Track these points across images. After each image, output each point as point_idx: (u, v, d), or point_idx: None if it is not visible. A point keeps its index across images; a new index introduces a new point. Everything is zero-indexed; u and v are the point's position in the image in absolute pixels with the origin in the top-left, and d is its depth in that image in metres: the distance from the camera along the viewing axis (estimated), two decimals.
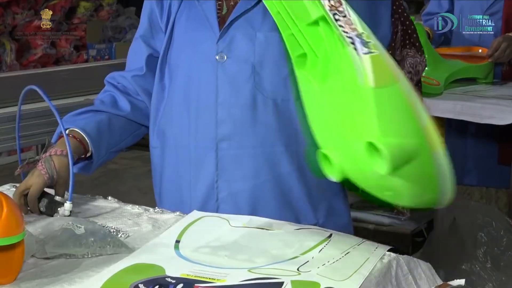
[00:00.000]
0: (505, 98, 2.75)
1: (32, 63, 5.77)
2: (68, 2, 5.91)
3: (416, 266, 1.21)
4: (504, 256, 2.50)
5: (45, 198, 1.45)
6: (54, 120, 2.32)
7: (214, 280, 1.08)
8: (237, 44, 1.47)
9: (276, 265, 1.14)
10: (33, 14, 5.69)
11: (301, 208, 1.49)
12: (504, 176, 2.85)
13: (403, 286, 1.17)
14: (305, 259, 1.17)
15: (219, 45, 1.48)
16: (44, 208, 1.43)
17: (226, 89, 1.47)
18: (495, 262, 2.50)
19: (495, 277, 2.46)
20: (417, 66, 2.34)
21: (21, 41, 5.71)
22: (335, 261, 1.16)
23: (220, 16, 1.51)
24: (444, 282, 1.21)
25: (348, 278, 1.10)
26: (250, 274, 1.10)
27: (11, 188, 1.61)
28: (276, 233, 1.30)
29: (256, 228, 1.31)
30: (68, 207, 1.40)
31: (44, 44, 5.79)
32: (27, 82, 1.52)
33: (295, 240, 1.26)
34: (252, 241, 1.26)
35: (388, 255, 1.20)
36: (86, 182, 5.04)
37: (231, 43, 1.48)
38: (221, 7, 1.52)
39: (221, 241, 1.25)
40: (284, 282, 1.07)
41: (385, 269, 1.16)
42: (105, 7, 6.33)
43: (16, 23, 5.65)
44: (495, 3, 2.99)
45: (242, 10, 1.48)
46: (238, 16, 1.48)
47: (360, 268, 1.13)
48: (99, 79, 3.42)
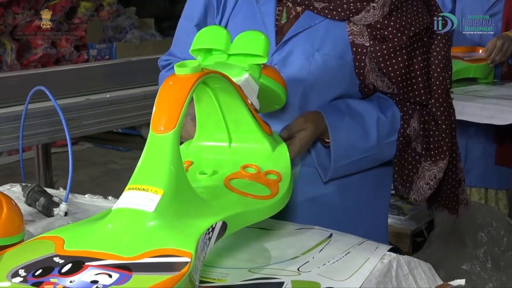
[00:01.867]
0: (505, 98, 2.74)
1: (33, 63, 5.77)
2: (68, 2, 5.92)
3: (416, 266, 1.21)
4: (504, 256, 2.50)
5: (43, 197, 1.45)
6: (54, 120, 2.33)
7: (214, 280, 1.08)
8: (293, 61, 1.43)
9: (276, 265, 1.14)
10: (34, 14, 5.70)
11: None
12: (503, 177, 2.85)
13: (404, 286, 1.17)
14: (306, 259, 1.17)
15: (274, 57, 1.44)
16: (41, 207, 1.44)
17: None
18: (495, 262, 2.50)
19: (496, 277, 2.46)
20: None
21: (21, 41, 5.72)
22: (336, 261, 1.16)
23: (278, 25, 1.46)
24: (445, 282, 1.21)
25: (348, 278, 1.10)
26: (250, 274, 1.10)
27: (11, 188, 1.61)
28: (276, 233, 1.30)
29: (256, 228, 1.31)
30: (63, 208, 1.40)
31: (45, 44, 5.79)
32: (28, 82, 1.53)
33: (295, 240, 1.27)
34: (252, 241, 1.26)
35: (388, 255, 1.20)
36: (86, 182, 5.05)
37: (286, 58, 1.43)
38: (280, 14, 1.47)
39: (221, 241, 1.25)
40: (284, 282, 1.07)
41: (386, 269, 1.16)
42: (105, 7, 6.34)
43: (16, 23, 5.65)
44: (496, 3, 2.99)
45: (305, 26, 1.43)
46: (299, 31, 1.43)
47: (361, 268, 1.13)
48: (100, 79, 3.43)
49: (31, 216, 1.43)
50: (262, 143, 1.29)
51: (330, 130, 1.39)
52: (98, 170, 5.49)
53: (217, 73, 1.15)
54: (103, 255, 0.95)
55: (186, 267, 0.90)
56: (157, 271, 0.90)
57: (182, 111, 1.04)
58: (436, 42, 1.47)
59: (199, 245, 0.97)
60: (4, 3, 5.51)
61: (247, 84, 1.26)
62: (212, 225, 1.03)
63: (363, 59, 1.42)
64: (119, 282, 0.88)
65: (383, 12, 1.41)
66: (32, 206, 1.48)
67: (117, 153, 5.81)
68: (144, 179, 1.02)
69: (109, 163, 5.69)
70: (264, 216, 1.19)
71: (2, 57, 5.57)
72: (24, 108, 1.61)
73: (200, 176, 1.22)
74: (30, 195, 1.49)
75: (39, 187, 1.52)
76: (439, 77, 1.46)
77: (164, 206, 0.99)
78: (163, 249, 0.94)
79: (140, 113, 2.64)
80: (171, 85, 1.07)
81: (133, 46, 6.06)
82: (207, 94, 1.24)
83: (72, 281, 0.89)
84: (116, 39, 6.19)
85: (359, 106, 1.43)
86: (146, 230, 0.98)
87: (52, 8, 5.68)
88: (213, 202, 1.11)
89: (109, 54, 5.91)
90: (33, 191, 1.50)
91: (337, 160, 1.41)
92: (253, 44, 1.26)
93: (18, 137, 1.70)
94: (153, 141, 1.04)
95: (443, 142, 1.46)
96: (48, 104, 2.24)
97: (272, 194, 1.19)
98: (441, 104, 1.46)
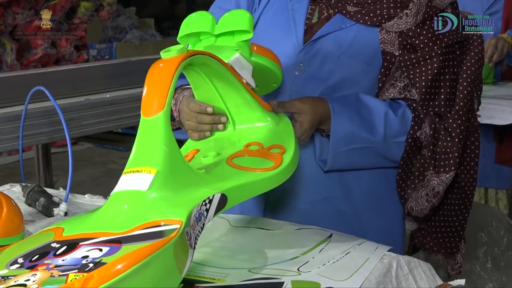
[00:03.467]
0: (505, 98, 2.74)
1: (33, 63, 5.77)
2: (68, 2, 5.91)
3: (416, 266, 1.21)
4: (504, 256, 2.50)
5: (43, 197, 1.45)
6: (54, 120, 2.32)
7: (214, 280, 1.08)
8: (318, 60, 1.43)
9: (276, 265, 1.14)
10: (34, 14, 5.69)
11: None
12: (502, 177, 2.85)
13: (404, 286, 1.17)
14: (306, 259, 1.17)
15: (300, 55, 1.43)
16: (41, 207, 1.44)
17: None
18: (495, 262, 2.49)
19: (496, 277, 2.46)
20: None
21: (21, 41, 5.72)
22: (336, 261, 1.16)
23: (308, 24, 1.46)
24: (444, 282, 1.21)
25: (348, 278, 1.10)
26: (250, 274, 1.10)
27: (11, 188, 1.61)
28: (276, 233, 1.30)
29: (256, 228, 1.31)
30: (63, 208, 1.40)
31: (45, 44, 5.79)
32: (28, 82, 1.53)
33: (295, 240, 1.27)
34: (252, 241, 1.26)
35: (388, 255, 1.20)
36: (86, 182, 5.05)
37: (313, 57, 1.43)
38: (312, 13, 1.47)
39: (221, 241, 1.25)
40: (284, 282, 1.07)
41: (386, 269, 1.16)
42: (105, 7, 6.34)
43: (16, 23, 5.65)
44: (495, 2, 2.99)
45: (335, 28, 1.43)
46: (329, 32, 1.43)
47: (361, 268, 1.13)
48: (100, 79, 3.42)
49: (31, 216, 1.43)
50: (265, 121, 1.30)
51: (333, 115, 1.37)
52: (98, 170, 5.49)
53: (203, 53, 1.16)
54: (97, 234, 0.96)
55: (175, 232, 0.91)
56: (146, 239, 0.91)
57: (169, 92, 1.05)
58: (468, 58, 1.46)
59: (192, 214, 0.98)
60: (4, 3, 5.51)
61: (238, 63, 1.26)
62: (209, 196, 1.04)
63: (390, 67, 1.42)
64: (108, 253, 0.89)
65: (416, 20, 1.40)
66: (32, 206, 1.48)
67: (117, 153, 5.81)
68: (138, 161, 1.04)
69: (109, 163, 5.68)
70: (267, 187, 1.19)
71: (2, 57, 5.57)
72: (24, 108, 1.61)
73: (203, 159, 1.22)
74: (30, 195, 1.49)
75: (39, 187, 1.52)
76: (464, 91, 1.44)
77: (158, 183, 1.00)
78: (155, 221, 0.95)
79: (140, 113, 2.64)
80: (157, 68, 1.09)
81: (133, 46, 6.05)
82: (202, 80, 1.24)
83: (64, 259, 0.91)
84: (116, 39, 6.19)
85: (369, 100, 1.42)
86: (140, 206, 0.99)
87: (52, 8, 5.67)
88: (212, 176, 1.12)
89: (109, 54, 5.90)
90: (33, 191, 1.50)
91: (336, 146, 1.39)
92: (237, 20, 1.26)
93: (18, 137, 1.70)
94: (144, 124, 1.05)
95: (451, 155, 1.43)
96: (48, 104, 2.23)
97: (275, 165, 1.19)
98: (460, 118, 1.43)
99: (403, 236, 1.58)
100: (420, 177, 1.46)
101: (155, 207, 0.98)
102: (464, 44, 1.47)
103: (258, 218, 1.39)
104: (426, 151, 1.44)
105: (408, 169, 1.45)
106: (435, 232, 1.57)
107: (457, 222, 1.54)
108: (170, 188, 1.01)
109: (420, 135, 1.43)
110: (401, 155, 1.43)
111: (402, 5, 1.41)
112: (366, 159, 1.44)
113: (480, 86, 1.50)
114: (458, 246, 1.57)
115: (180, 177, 1.04)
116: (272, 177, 1.18)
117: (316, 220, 1.41)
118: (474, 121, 1.49)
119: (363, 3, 1.42)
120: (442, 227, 1.56)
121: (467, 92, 1.44)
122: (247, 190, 1.14)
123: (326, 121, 1.38)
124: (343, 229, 1.36)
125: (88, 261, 0.88)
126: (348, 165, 1.44)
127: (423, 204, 1.46)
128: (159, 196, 0.99)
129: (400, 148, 1.43)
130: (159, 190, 1.00)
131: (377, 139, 1.40)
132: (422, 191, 1.46)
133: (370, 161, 1.45)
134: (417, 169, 1.46)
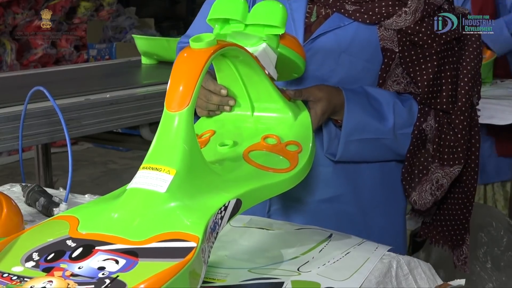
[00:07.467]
0: (505, 98, 2.74)
1: (33, 63, 5.77)
2: (68, 2, 5.92)
3: (416, 266, 1.21)
4: (504, 256, 2.50)
5: (43, 197, 1.45)
6: (54, 120, 2.32)
7: (214, 280, 1.08)
8: (319, 59, 1.43)
9: (276, 265, 1.14)
10: (34, 14, 5.70)
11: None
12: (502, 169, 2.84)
13: (403, 286, 1.17)
14: (306, 259, 1.17)
15: None
16: (41, 207, 1.44)
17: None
18: (495, 262, 2.49)
19: (495, 277, 2.46)
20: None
21: (21, 41, 5.72)
22: (336, 261, 1.16)
23: (307, 22, 1.46)
24: (444, 282, 1.21)
25: (348, 278, 1.10)
26: (250, 274, 1.10)
27: (11, 188, 1.61)
28: (276, 233, 1.30)
29: (256, 228, 1.31)
30: (63, 208, 1.40)
31: (45, 44, 5.79)
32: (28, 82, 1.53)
33: (295, 240, 1.27)
34: (252, 241, 1.26)
35: (388, 255, 1.20)
36: (86, 182, 5.05)
37: (313, 57, 1.43)
38: (310, 12, 1.47)
39: (221, 241, 1.25)
40: (284, 282, 1.07)
41: (386, 269, 1.16)
42: (105, 7, 6.34)
43: (16, 23, 5.65)
44: None
45: (333, 26, 1.43)
46: (328, 30, 1.43)
47: (361, 268, 1.13)
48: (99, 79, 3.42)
49: (31, 216, 1.43)
50: (285, 113, 1.30)
51: (347, 103, 1.38)
52: (98, 170, 5.49)
53: (233, 45, 1.15)
54: (113, 238, 0.95)
55: (191, 253, 0.90)
56: (162, 257, 0.91)
57: (195, 88, 1.03)
58: (467, 53, 1.47)
59: (208, 227, 0.97)
60: (4, 3, 5.51)
61: (264, 54, 1.25)
62: (225, 203, 1.03)
63: (390, 64, 1.43)
64: (124, 269, 0.89)
65: (414, 18, 1.41)
66: (32, 206, 1.48)
67: (117, 153, 5.81)
68: (158, 158, 1.03)
69: (109, 163, 5.68)
70: (281, 190, 1.18)
71: (2, 57, 5.57)
72: (23, 108, 1.61)
73: (220, 148, 1.22)
74: (30, 195, 1.49)
75: (39, 187, 1.52)
76: (466, 86, 1.45)
77: (176, 186, 1.00)
78: (171, 233, 0.95)
79: (140, 113, 2.64)
80: (185, 58, 1.06)
81: (133, 46, 6.05)
82: (226, 65, 1.24)
83: (80, 267, 0.90)
84: (116, 39, 6.19)
85: (376, 91, 1.43)
86: (157, 212, 0.98)
87: (52, 8, 5.67)
88: (228, 177, 1.10)
89: (109, 54, 5.90)
90: (33, 191, 1.50)
91: (347, 134, 1.40)
92: (270, 14, 1.25)
93: (18, 137, 1.70)
94: (167, 119, 1.03)
95: (456, 149, 1.45)
96: (48, 104, 2.23)
97: (291, 167, 1.19)
98: (463, 114, 1.45)
99: (405, 235, 1.59)
100: (424, 171, 1.47)
101: (173, 215, 0.97)
102: (462, 40, 1.48)
103: (258, 218, 1.39)
104: (430, 145, 1.46)
105: (413, 162, 1.47)
106: (440, 226, 1.60)
107: (461, 215, 1.57)
108: (188, 192, 1.01)
109: (426, 127, 1.44)
110: (407, 148, 1.44)
111: (400, 3, 1.41)
112: (374, 151, 1.45)
113: (479, 81, 1.51)
114: (464, 238, 1.60)
115: (199, 178, 1.03)
116: (286, 180, 1.17)
117: (321, 219, 1.42)
118: (474, 115, 1.50)
119: (361, 1, 1.42)
120: (447, 220, 1.58)
121: (468, 88, 1.46)
122: (261, 193, 1.13)
123: (340, 110, 1.39)
124: (348, 229, 1.37)
125: (104, 276, 0.88)
126: (357, 156, 1.45)
127: (426, 197, 1.48)
128: (176, 202, 0.99)
129: (406, 140, 1.44)
130: (177, 193, 0.99)
131: (387, 129, 1.42)
132: (426, 184, 1.47)
133: (378, 153, 1.46)
134: (421, 163, 1.47)
